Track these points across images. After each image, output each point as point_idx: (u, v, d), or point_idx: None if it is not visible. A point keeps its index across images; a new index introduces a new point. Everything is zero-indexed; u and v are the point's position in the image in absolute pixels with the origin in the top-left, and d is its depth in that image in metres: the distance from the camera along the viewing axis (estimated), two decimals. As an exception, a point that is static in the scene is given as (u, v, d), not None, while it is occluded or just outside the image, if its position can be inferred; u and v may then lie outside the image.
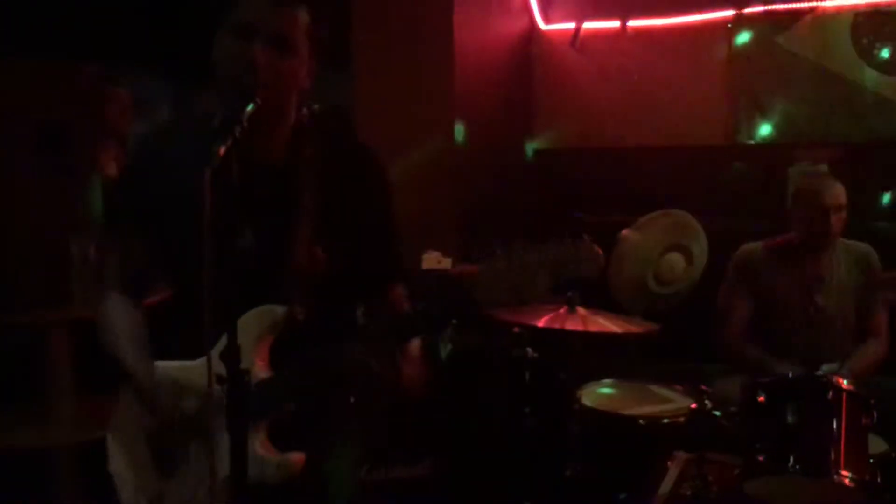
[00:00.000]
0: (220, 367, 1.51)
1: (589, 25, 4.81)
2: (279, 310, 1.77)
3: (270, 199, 1.82)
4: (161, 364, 1.83)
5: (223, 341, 1.52)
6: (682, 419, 3.02)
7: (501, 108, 4.81)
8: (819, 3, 4.23)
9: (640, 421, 3.09)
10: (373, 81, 4.59)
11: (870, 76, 4.15)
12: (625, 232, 3.92)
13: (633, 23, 4.68)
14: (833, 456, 2.42)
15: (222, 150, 1.48)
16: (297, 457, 1.75)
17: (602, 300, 3.38)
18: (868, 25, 4.13)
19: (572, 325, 3.03)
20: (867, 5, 4.12)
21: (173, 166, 1.81)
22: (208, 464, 1.63)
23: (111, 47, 3.93)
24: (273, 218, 1.82)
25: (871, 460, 2.55)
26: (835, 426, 2.47)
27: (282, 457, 1.75)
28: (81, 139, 3.32)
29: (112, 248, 1.95)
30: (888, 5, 4.07)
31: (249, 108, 1.61)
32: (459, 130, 4.51)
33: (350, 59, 4.55)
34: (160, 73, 4.48)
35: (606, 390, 3.41)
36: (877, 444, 2.75)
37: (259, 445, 1.74)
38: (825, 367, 3.25)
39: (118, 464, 1.86)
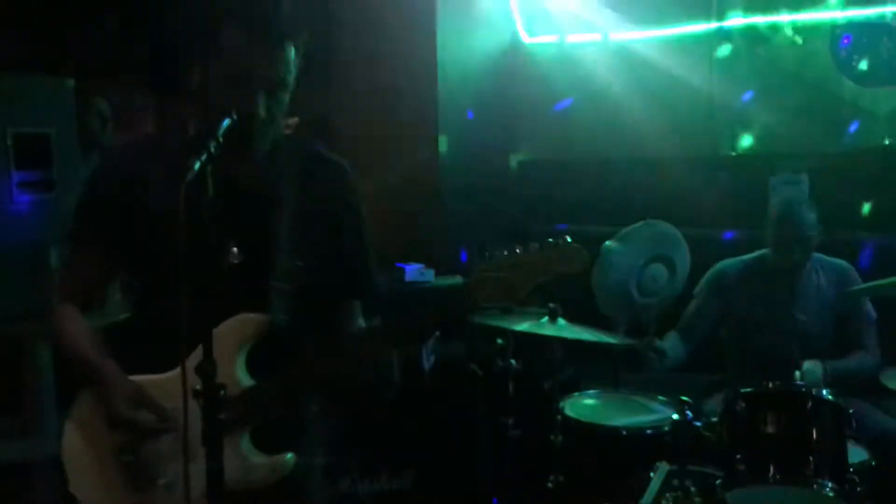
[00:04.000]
0: (194, 381, 1.51)
1: (572, 38, 4.83)
2: (257, 318, 1.78)
3: (251, 211, 1.84)
4: (139, 378, 1.82)
5: (197, 353, 1.52)
6: (664, 430, 3.03)
7: (485, 120, 4.83)
8: (798, 16, 4.26)
9: (623, 431, 3.09)
10: (356, 94, 4.60)
11: (848, 87, 4.18)
12: (608, 243, 3.94)
13: (616, 36, 4.70)
14: (812, 465, 2.43)
15: (197, 164, 1.49)
16: (289, 457, 1.80)
17: (585, 313, 3.40)
18: (846, 37, 4.17)
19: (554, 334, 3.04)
20: (845, 17, 4.16)
21: (144, 180, 1.82)
22: (197, 471, 1.62)
23: (91, 58, 3.93)
24: (254, 230, 1.83)
25: (851, 469, 2.57)
26: (814, 436, 2.48)
27: (274, 458, 1.79)
28: (63, 152, 3.30)
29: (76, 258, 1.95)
30: (866, 18, 4.11)
31: (225, 123, 1.62)
32: (443, 142, 4.53)
33: (332, 72, 4.56)
34: (142, 84, 4.46)
35: (590, 401, 3.41)
36: (857, 454, 2.77)
37: (249, 450, 1.78)
38: (806, 365, 3.24)
39: (81, 483, 1.84)
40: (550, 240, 1.72)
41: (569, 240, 1.73)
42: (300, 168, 1.89)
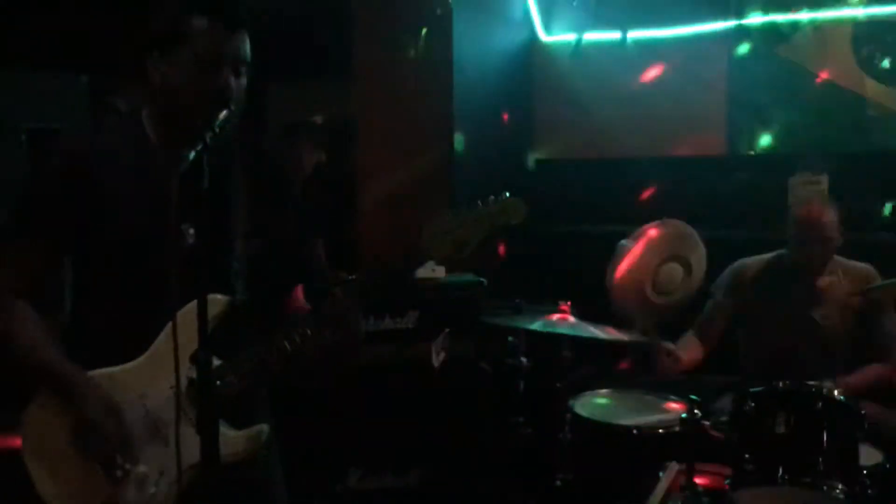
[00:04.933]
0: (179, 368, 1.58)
1: (590, 36, 4.81)
2: (220, 299, 1.84)
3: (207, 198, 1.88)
4: (96, 372, 1.84)
5: (162, 337, 1.65)
6: (676, 429, 2.99)
7: (502, 118, 4.81)
8: (819, 14, 4.21)
9: (634, 431, 3.07)
10: (374, 93, 4.61)
11: (870, 86, 4.12)
12: (623, 242, 3.91)
13: (634, 34, 4.67)
14: (822, 466, 2.40)
15: (192, 154, 1.51)
16: (263, 427, 1.90)
17: (599, 311, 3.38)
18: (868, 36, 4.11)
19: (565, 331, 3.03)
20: (867, 16, 4.10)
21: (102, 168, 1.85)
22: (173, 458, 1.73)
23: (107, 57, 3.95)
24: (213, 215, 1.85)
25: (865, 471, 2.53)
26: (824, 436, 2.44)
27: (248, 430, 1.87)
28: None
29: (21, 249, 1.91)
30: (888, 16, 4.05)
31: (223, 113, 1.66)
32: (459, 141, 4.52)
33: (352, 70, 4.57)
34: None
35: (601, 400, 3.38)
36: (872, 456, 2.72)
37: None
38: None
39: (48, 485, 1.84)
40: (492, 197, 1.90)
41: (507, 195, 1.90)
42: (247, 158, 2.01)
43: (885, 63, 4.10)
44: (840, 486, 2.38)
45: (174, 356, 1.54)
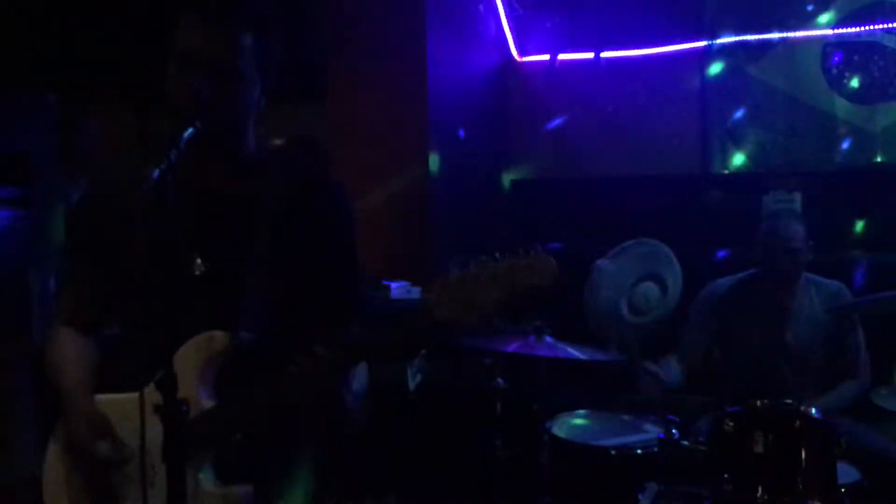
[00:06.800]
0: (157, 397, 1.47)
1: (564, 57, 4.83)
2: (221, 336, 1.70)
3: (224, 225, 1.79)
4: (106, 397, 1.78)
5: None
6: (654, 450, 2.98)
7: (477, 138, 4.81)
8: (789, 34, 4.26)
9: (612, 452, 3.04)
10: (348, 112, 4.59)
11: (840, 105, 4.17)
12: (599, 261, 3.92)
13: (608, 54, 4.70)
14: (801, 485, 2.39)
15: (156, 173, 1.45)
16: (240, 490, 1.70)
17: (574, 330, 3.37)
18: (837, 55, 4.16)
19: (541, 352, 3.01)
20: (836, 36, 4.16)
21: (119, 196, 1.80)
22: (154, 499, 1.56)
23: (79, 77, 3.90)
24: (225, 244, 1.78)
25: (843, 490, 2.53)
26: (803, 455, 2.44)
27: (226, 490, 1.69)
28: (43, 170, 3.28)
29: (70, 280, 1.92)
30: (856, 36, 4.11)
31: (188, 132, 1.56)
32: (434, 161, 4.50)
33: (325, 90, 4.55)
34: (129, 103, 4.44)
35: (579, 421, 3.36)
36: (849, 474, 2.72)
37: (205, 479, 1.69)
38: None
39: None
40: (521, 251, 1.58)
41: (538, 248, 1.58)
42: (290, 184, 1.83)
43: (854, 82, 4.16)
44: (819, 505, 2.37)
45: (140, 407, 1.44)
